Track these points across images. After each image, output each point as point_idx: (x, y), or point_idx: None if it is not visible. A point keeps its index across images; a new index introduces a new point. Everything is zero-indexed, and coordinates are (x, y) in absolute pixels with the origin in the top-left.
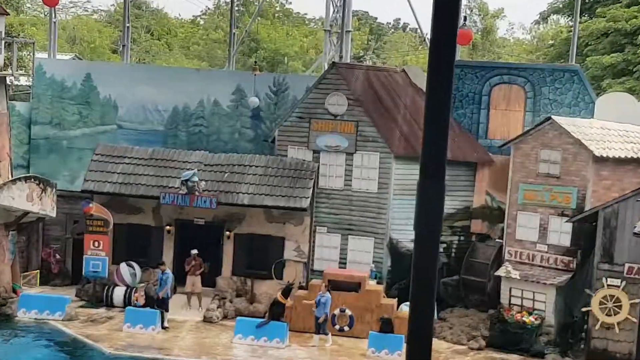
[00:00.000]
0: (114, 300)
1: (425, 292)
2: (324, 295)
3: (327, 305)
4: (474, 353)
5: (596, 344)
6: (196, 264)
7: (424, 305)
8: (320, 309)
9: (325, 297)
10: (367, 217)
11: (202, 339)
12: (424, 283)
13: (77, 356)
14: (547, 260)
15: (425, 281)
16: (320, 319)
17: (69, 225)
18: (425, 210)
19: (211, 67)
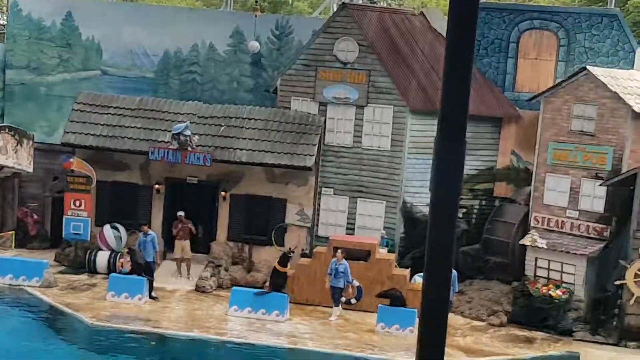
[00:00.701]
0: (97, 265)
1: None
2: (342, 263)
3: (347, 273)
4: (495, 330)
5: (630, 321)
6: (184, 228)
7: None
8: (340, 278)
9: (343, 265)
10: (378, 178)
11: (194, 311)
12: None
13: (55, 327)
14: (578, 227)
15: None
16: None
17: (47, 183)
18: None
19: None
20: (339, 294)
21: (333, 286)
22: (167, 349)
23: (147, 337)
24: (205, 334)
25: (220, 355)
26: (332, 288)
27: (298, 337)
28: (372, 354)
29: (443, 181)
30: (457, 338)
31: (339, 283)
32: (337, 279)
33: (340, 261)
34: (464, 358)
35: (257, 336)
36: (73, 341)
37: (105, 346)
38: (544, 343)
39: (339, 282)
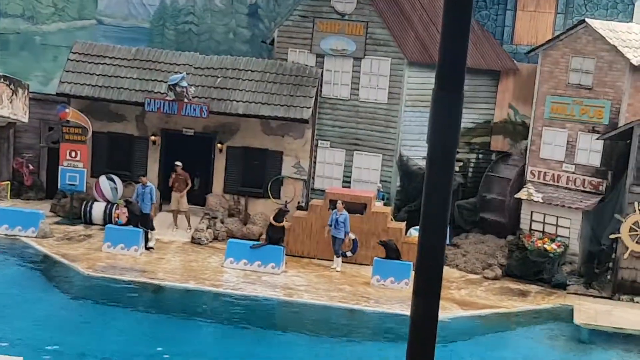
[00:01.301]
0: (93, 217)
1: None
2: (342, 214)
3: (347, 224)
4: (489, 283)
5: (624, 274)
6: (181, 179)
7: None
8: (340, 229)
9: (344, 216)
10: (375, 131)
11: (190, 262)
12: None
13: (51, 277)
14: (574, 181)
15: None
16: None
17: (43, 133)
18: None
19: None
20: (339, 245)
21: (334, 236)
22: (163, 300)
23: (142, 287)
24: (201, 286)
25: (216, 306)
26: (332, 238)
27: (294, 289)
28: (368, 306)
29: (440, 132)
30: (452, 291)
31: (339, 233)
32: (337, 229)
33: (340, 212)
34: (458, 311)
35: (252, 288)
36: (68, 291)
37: (101, 296)
38: (538, 296)
39: (339, 232)
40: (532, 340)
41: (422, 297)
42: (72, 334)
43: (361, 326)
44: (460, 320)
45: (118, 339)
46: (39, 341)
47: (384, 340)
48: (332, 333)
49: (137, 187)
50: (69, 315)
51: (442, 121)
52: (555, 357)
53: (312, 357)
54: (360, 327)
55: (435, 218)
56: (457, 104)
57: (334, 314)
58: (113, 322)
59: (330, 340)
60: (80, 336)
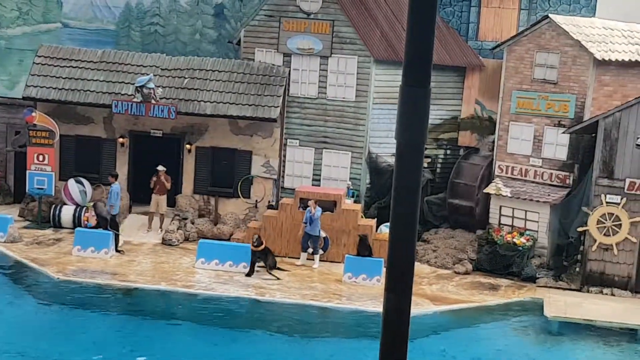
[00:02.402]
0: (62, 220)
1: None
2: (317, 210)
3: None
4: (460, 278)
5: (593, 266)
6: (161, 182)
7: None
8: (315, 225)
9: (319, 211)
10: (343, 129)
11: (161, 264)
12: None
13: (21, 281)
14: (541, 175)
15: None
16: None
17: (9, 137)
18: (408, 119)
19: None
20: (315, 241)
21: (310, 234)
22: (135, 302)
23: (114, 290)
24: (173, 287)
25: (188, 307)
26: (309, 236)
27: (265, 288)
28: (340, 304)
29: (408, 127)
30: (424, 286)
31: (314, 231)
32: (312, 226)
33: (314, 210)
34: (430, 306)
35: (224, 288)
36: (39, 296)
37: (72, 300)
38: (508, 290)
39: (314, 229)
40: (504, 333)
41: (393, 293)
42: (43, 339)
43: (334, 324)
44: (432, 315)
45: (90, 342)
46: (10, 346)
47: (357, 338)
48: (304, 331)
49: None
50: (40, 320)
51: (409, 117)
52: (527, 350)
53: (285, 355)
54: (332, 325)
55: (405, 214)
56: (425, 99)
57: (307, 312)
58: (85, 326)
59: (303, 338)
60: (51, 340)
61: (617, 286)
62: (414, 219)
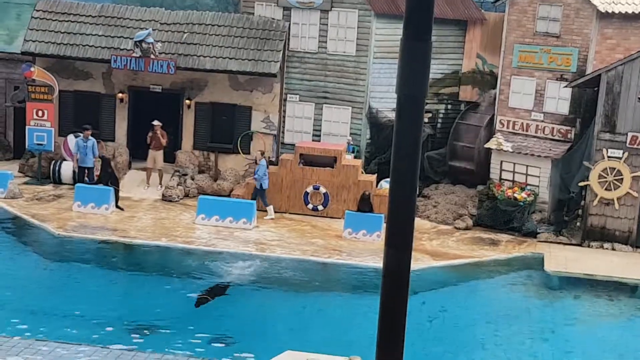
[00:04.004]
0: (62, 176)
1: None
2: (260, 164)
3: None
4: (460, 233)
5: (593, 221)
6: (157, 137)
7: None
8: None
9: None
10: (344, 84)
11: (161, 220)
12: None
13: (22, 237)
14: (543, 130)
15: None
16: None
17: (8, 92)
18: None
19: None
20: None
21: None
22: (135, 258)
23: (114, 246)
24: (173, 243)
25: (188, 263)
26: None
27: (266, 244)
28: (340, 259)
29: (409, 82)
30: (424, 242)
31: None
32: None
33: (259, 160)
34: (430, 261)
35: (225, 244)
36: (40, 252)
37: (72, 256)
38: (508, 245)
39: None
40: (504, 288)
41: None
42: (44, 294)
43: (334, 279)
44: (432, 270)
45: (90, 297)
46: (11, 302)
47: (357, 293)
48: (305, 286)
49: (78, 140)
50: (40, 276)
51: (410, 71)
52: (527, 304)
53: (286, 310)
54: (333, 280)
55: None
56: (426, 53)
57: (307, 267)
58: (85, 282)
59: (303, 293)
60: (52, 296)
61: (617, 241)
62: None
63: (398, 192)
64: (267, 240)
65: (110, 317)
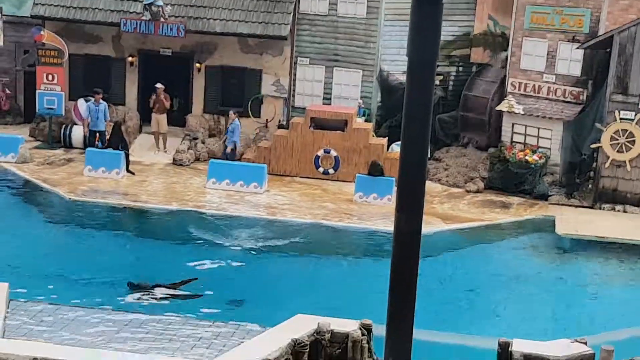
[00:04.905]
0: (73, 140)
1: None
2: (233, 123)
3: (236, 133)
4: (472, 196)
5: (605, 183)
6: (160, 100)
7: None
8: (230, 138)
9: (233, 125)
10: (354, 46)
11: (172, 184)
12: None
13: (33, 202)
14: (555, 92)
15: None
16: (228, 148)
17: (18, 56)
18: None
19: None
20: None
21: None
22: (147, 222)
23: (125, 210)
24: (184, 207)
25: (200, 227)
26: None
27: (277, 208)
28: (351, 223)
29: (420, 44)
30: (435, 205)
31: (229, 142)
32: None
33: (232, 120)
34: (441, 225)
35: (235, 208)
36: (51, 216)
37: (84, 220)
38: (520, 207)
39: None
40: (515, 251)
41: (405, 212)
42: (55, 258)
43: (345, 243)
44: (443, 234)
45: (102, 262)
46: (23, 266)
47: (368, 256)
48: (315, 250)
49: (89, 104)
50: (52, 240)
51: (421, 33)
52: (538, 267)
53: (296, 274)
54: (344, 244)
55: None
56: (437, 15)
57: (318, 231)
58: (97, 246)
59: (314, 257)
60: (63, 260)
61: (629, 203)
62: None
63: (409, 155)
64: (278, 204)
65: (122, 282)
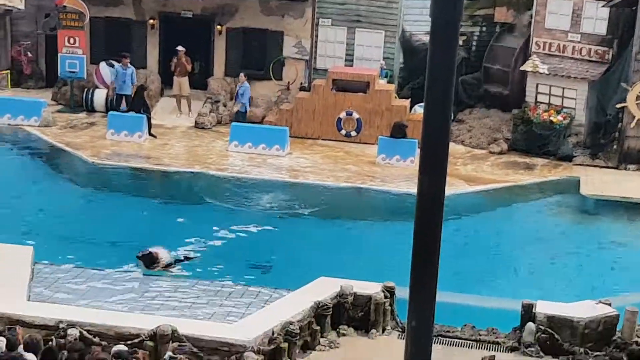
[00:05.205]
0: (95, 104)
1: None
2: (242, 85)
3: (246, 95)
4: (495, 157)
5: (630, 143)
6: (182, 63)
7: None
8: (238, 100)
9: (243, 87)
10: (376, 7)
11: (194, 147)
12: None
13: (56, 166)
14: (580, 51)
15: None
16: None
17: (39, 19)
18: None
19: None
20: (242, 117)
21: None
22: (169, 185)
23: (148, 174)
24: (206, 170)
25: (222, 189)
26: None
27: (299, 170)
28: (373, 185)
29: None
30: (458, 167)
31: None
32: (238, 101)
33: (241, 83)
34: (465, 186)
35: (258, 171)
36: (74, 180)
37: (107, 184)
38: (544, 169)
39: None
40: (539, 213)
41: (428, 174)
42: (79, 222)
43: (368, 205)
44: (466, 195)
45: (125, 225)
46: (47, 230)
47: (391, 219)
48: (338, 213)
49: (117, 67)
50: (75, 203)
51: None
52: (562, 228)
53: (320, 237)
54: (366, 206)
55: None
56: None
57: (340, 194)
58: (119, 209)
59: (337, 220)
60: (87, 223)
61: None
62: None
63: (432, 117)
64: (301, 167)
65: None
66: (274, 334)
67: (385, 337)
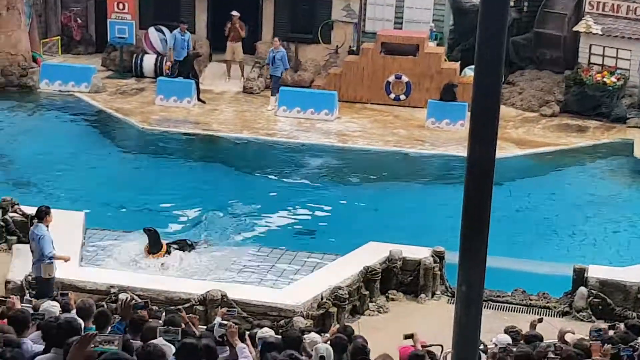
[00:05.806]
0: (144, 69)
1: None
2: (278, 51)
3: (285, 60)
4: (547, 120)
5: None
6: (235, 29)
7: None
8: (278, 66)
9: (280, 52)
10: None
11: (243, 112)
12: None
13: (106, 131)
14: (635, 11)
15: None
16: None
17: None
18: None
19: None
20: (276, 83)
21: (271, 75)
22: (219, 150)
23: (197, 139)
24: (255, 135)
25: (270, 155)
26: (271, 77)
27: (348, 135)
28: (423, 149)
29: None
30: (509, 130)
31: (276, 72)
32: (274, 67)
33: (277, 49)
34: (516, 150)
35: (306, 135)
36: (124, 145)
37: (157, 149)
38: (597, 131)
39: (276, 70)
40: (592, 176)
41: (478, 138)
42: (130, 188)
43: (417, 169)
44: (518, 159)
45: (176, 190)
46: (99, 196)
47: (441, 182)
48: (388, 177)
49: (175, 33)
50: (126, 169)
51: None
52: (616, 190)
53: (369, 201)
54: (416, 171)
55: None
56: None
57: (390, 158)
58: (170, 175)
59: (386, 184)
60: (136, 189)
61: None
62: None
63: (483, 80)
64: (349, 131)
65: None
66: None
67: (435, 301)
